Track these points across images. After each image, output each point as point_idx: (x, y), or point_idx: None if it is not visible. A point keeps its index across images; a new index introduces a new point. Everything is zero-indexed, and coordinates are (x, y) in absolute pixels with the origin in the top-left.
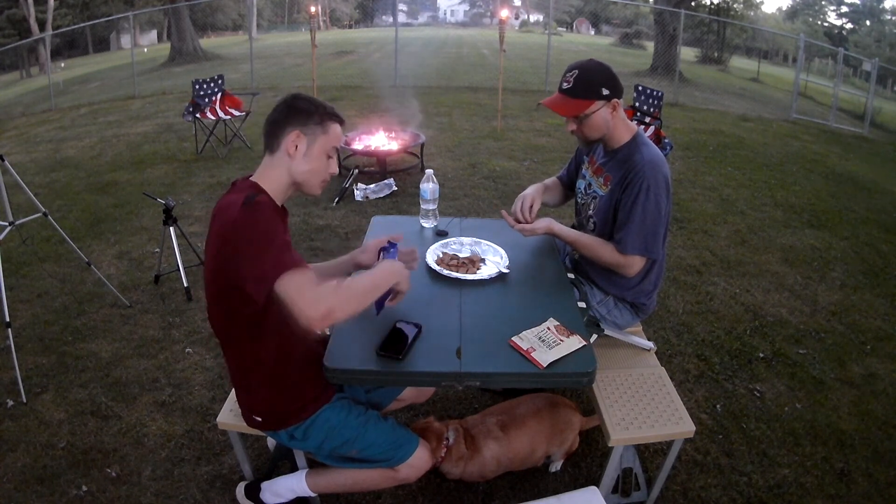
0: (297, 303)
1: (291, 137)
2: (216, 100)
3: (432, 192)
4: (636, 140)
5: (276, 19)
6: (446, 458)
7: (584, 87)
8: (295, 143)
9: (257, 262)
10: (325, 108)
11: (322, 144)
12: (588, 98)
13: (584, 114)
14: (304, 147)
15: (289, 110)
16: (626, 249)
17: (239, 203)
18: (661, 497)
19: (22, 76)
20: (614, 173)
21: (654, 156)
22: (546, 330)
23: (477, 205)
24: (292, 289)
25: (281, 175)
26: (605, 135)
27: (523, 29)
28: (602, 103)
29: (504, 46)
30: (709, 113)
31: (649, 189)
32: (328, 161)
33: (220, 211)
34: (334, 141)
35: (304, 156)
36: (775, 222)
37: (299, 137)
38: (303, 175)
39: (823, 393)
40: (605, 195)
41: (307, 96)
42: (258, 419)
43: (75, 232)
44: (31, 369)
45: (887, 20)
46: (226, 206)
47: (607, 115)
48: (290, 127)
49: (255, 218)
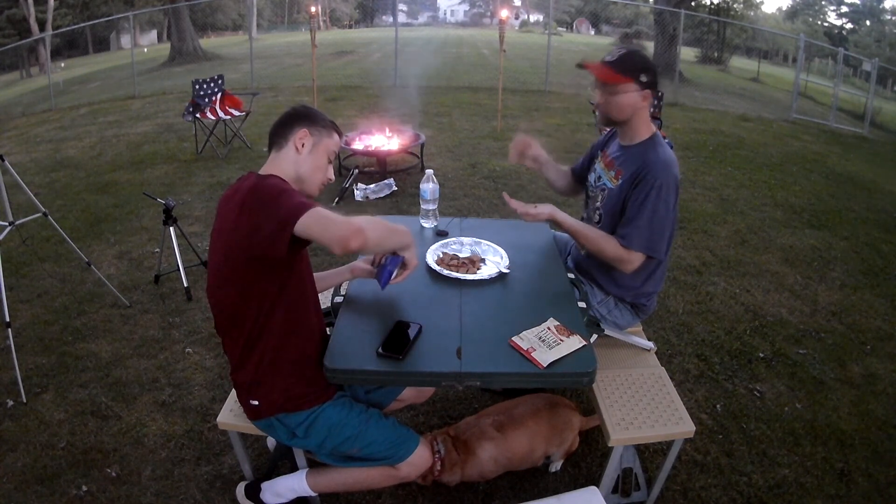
0: (329, 228)
1: (300, 135)
2: (216, 100)
3: (432, 192)
4: (653, 139)
5: (276, 19)
6: (442, 470)
7: (626, 65)
8: (302, 140)
9: (278, 211)
10: (329, 119)
11: (325, 146)
12: (626, 75)
13: (616, 88)
14: (311, 145)
15: (297, 113)
16: (630, 245)
17: (252, 178)
18: (661, 497)
19: (22, 76)
20: (626, 168)
21: (669, 157)
22: (546, 330)
23: (477, 205)
24: (319, 220)
25: (287, 168)
26: (627, 122)
27: (523, 29)
28: (637, 88)
29: (504, 46)
30: (709, 113)
31: (661, 188)
32: (328, 165)
33: (229, 196)
34: (334, 147)
35: (310, 153)
36: (775, 222)
37: (307, 135)
38: (307, 171)
39: (823, 393)
40: (615, 189)
41: (313, 110)
42: (254, 402)
43: (75, 232)
44: (31, 369)
45: (887, 20)
46: (235, 189)
47: (636, 102)
48: (299, 126)
49: (269, 181)
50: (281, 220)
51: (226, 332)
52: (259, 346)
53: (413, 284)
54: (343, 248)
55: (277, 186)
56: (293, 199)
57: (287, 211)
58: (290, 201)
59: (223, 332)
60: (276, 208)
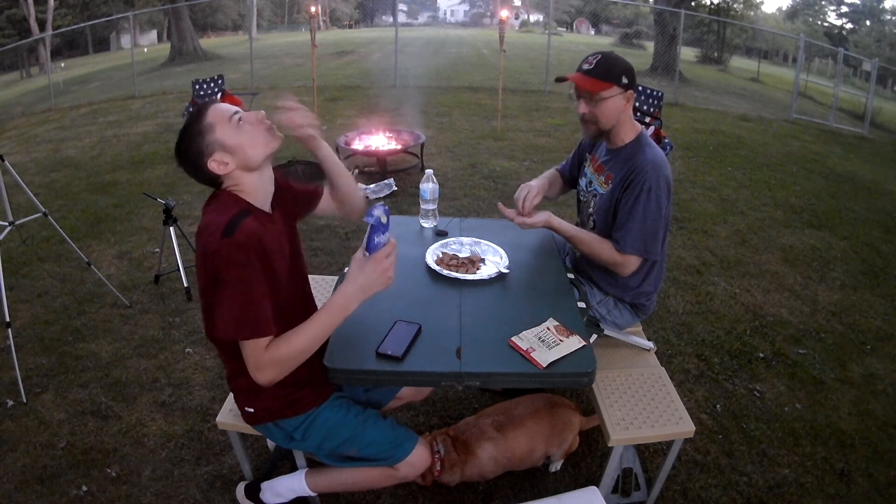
0: (249, 366)
1: (214, 167)
2: (216, 100)
3: (432, 192)
4: (640, 140)
5: (276, 19)
6: (442, 470)
7: (605, 70)
8: (220, 163)
9: (225, 311)
10: (191, 123)
11: (223, 135)
12: (608, 81)
13: (602, 95)
14: (222, 153)
15: (186, 162)
16: (624, 248)
17: (220, 230)
18: (661, 497)
19: (22, 76)
20: (616, 172)
21: (657, 157)
22: (546, 330)
23: (477, 205)
24: (246, 353)
25: (244, 181)
26: (614, 127)
27: (523, 29)
28: (619, 91)
29: (504, 46)
30: (709, 113)
31: (650, 190)
32: (243, 124)
33: (204, 227)
34: (223, 116)
35: (232, 154)
36: (775, 222)
37: (214, 159)
38: (251, 158)
39: (823, 393)
40: (606, 194)
41: (179, 137)
42: (250, 410)
43: (75, 232)
44: (31, 369)
45: (887, 20)
46: (209, 224)
47: (620, 105)
48: (203, 165)
49: (228, 258)
50: (224, 327)
51: (219, 346)
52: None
53: (413, 284)
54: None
55: (235, 281)
56: (243, 310)
57: (235, 327)
58: (239, 313)
59: (216, 344)
60: (226, 312)
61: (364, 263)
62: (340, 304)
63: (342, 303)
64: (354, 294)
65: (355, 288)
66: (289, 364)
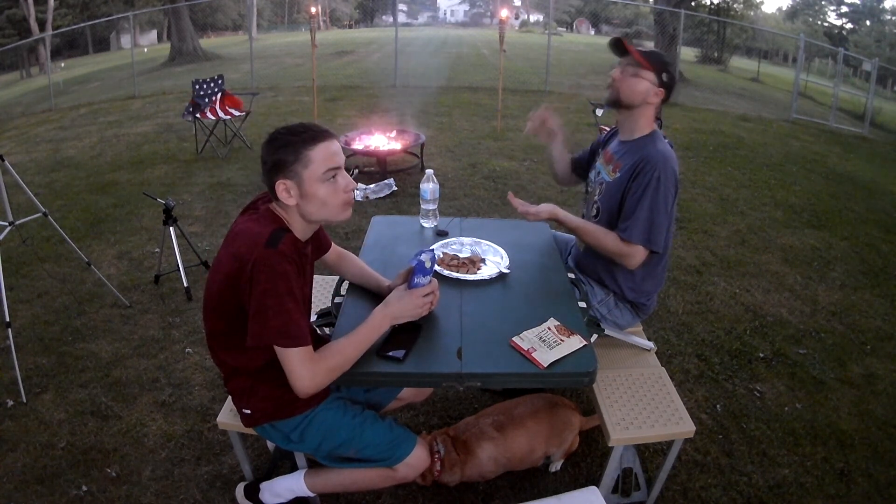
0: (292, 376)
1: (280, 189)
2: (216, 100)
3: (432, 192)
4: (653, 135)
5: (276, 19)
6: (442, 470)
7: (655, 59)
8: (286, 191)
9: (264, 320)
10: (302, 139)
11: (310, 178)
12: (651, 64)
13: (638, 71)
14: (297, 190)
15: (265, 161)
16: (630, 238)
17: (263, 239)
18: (661, 497)
19: (22, 76)
20: (625, 161)
21: (668, 151)
22: (546, 330)
23: (477, 205)
24: (289, 362)
25: (295, 220)
26: (631, 113)
27: (523, 29)
28: (654, 80)
29: (504, 46)
30: (709, 113)
31: (660, 180)
32: (332, 183)
33: (241, 233)
34: (325, 163)
35: (303, 196)
36: (775, 222)
37: (285, 184)
38: (313, 213)
39: (823, 393)
40: (613, 181)
41: (283, 132)
42: (247, 411)
43: (75, 232)
44: (31, 369)
45: (887, 20)
46: (247, 231)
47: (649, 93)
48: (274, 178)
49: (273, 268)
50: (261, 334)
51: (214, 348)
52: (246, 357)
53: None
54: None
55: (275, 291)
56: (286, 320)
57: (275, 334)
58: (281, 322)
59: (213, 346)
60: (265, 320)
61: (403, 295)
62: (377, 321)
63: (379, 320)
64: (386, 317)
65: (390, 312)
66: (340, 372)
